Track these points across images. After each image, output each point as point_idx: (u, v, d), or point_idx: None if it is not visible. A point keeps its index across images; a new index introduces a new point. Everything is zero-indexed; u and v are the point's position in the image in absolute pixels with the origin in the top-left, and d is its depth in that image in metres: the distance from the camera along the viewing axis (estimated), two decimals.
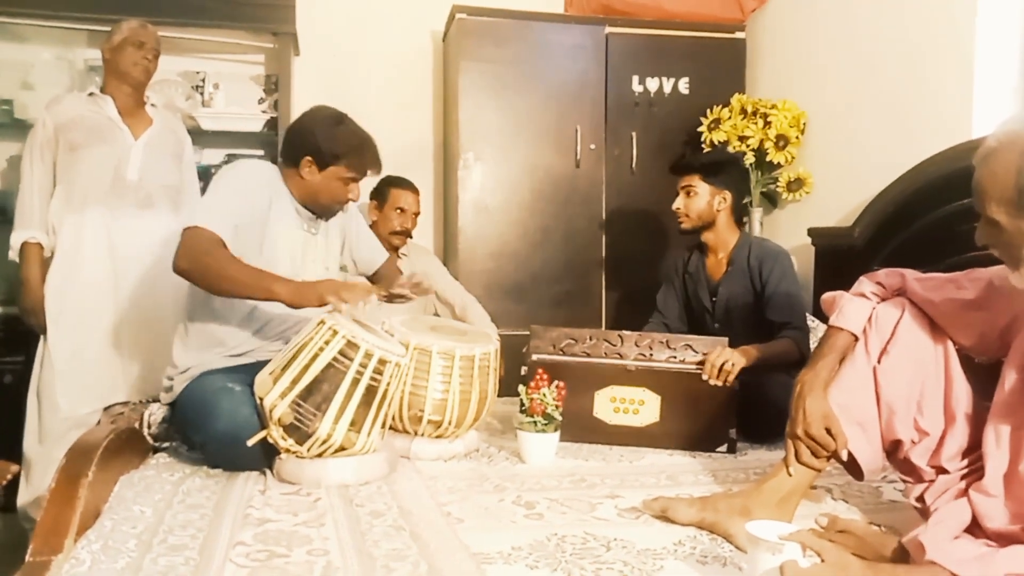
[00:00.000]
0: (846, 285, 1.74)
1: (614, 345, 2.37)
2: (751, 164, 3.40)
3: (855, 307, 1.66)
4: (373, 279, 2.51)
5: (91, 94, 2.74)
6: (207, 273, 1.97)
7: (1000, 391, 1.45)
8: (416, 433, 2.17)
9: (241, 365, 2.12)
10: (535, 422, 2.11)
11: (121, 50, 2.70)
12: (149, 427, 2.11)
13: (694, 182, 2.67)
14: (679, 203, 2.70)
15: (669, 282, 2.86)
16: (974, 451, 1.52)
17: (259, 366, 2.01)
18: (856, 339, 1.64)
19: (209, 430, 1.94)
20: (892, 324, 1.61)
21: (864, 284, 1.69)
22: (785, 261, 2.62)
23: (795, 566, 1.21)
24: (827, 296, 1.73)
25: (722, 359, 2.26)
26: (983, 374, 1.56)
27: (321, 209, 2.25)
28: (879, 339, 1.61)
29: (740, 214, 2.77)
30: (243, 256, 2.03)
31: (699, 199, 2.66)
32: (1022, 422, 1.39)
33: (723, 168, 2.69)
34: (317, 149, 2.16)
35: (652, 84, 3.61)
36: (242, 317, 2.14)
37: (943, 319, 1.59)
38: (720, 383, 2.26)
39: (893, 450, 1.63)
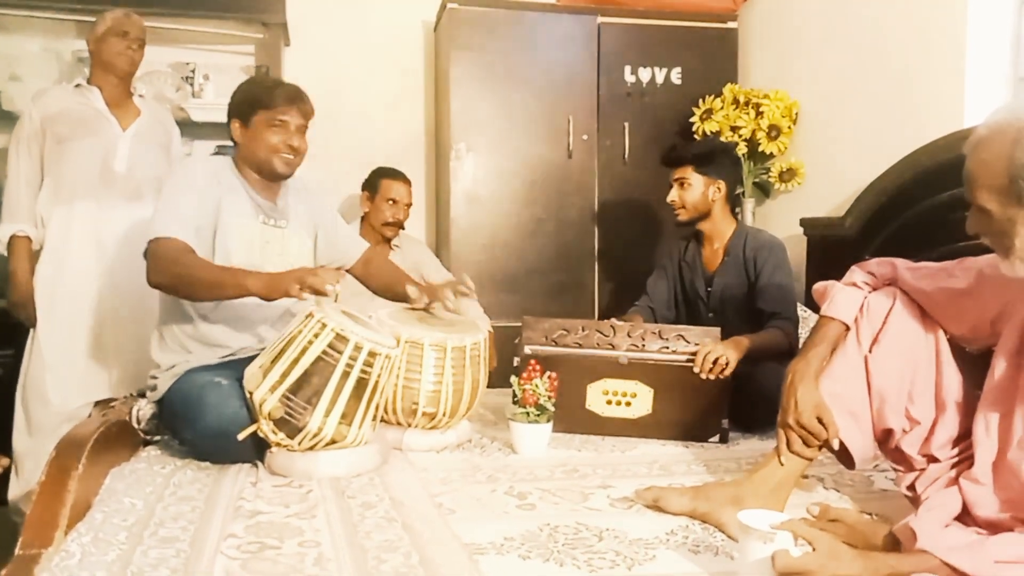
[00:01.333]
0: (838, 275, 1.74)
1: (606, 336, 2.37)
2: (743, 155, 3.40)
3: (846, 297, 1.66)
4: (363, 272, 2.44)
5: (78, 85, 2.72)
6: (182, 283, 1.97)
7: (990, 379, 1.45)
8: (411, 425, 2.16)
9: (224, 361, 2.10)
10: (528, 413, 2.11)
11: (105, 41, 2.68)
12: (138, 423, 2.10)
13: (687, 174, 2.66)
14: (674, 195, 2.68)
15: (662, 268, 2.85)
16: (964, 439, 1.52)
17: (241, 362, 2.00)
18: (847, 329, 1.64)
19: (198, 426, 1.92)
20: (883, 313, 1.61)
21: (855, 274, 1.69)
22: (780, 252, 2.62)
23: (786, 555, 1.21)
24: (818, 286, 1.73)
25: (715, 354, 2.25)
26: (974, 363, 1.57)
27: (265, 170, 2.17)
28: (870, 328, 1.61)
29: (734, 203, 2.76)
30: (200, 253, 2.01)
31: (693, 190, 2.65)
32: (1011, 410, 1.39)
33: (715, 157, 2.68)
34: (237, 108, 2.17)
35: (644, 74, 3.60)
36: (213, 318, 2.11)
37: (934, 308, 1.59)
38: (714, 377, 2.25)
39: (884, 439, 1.64)
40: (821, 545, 1.23)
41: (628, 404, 2.32)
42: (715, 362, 2.24)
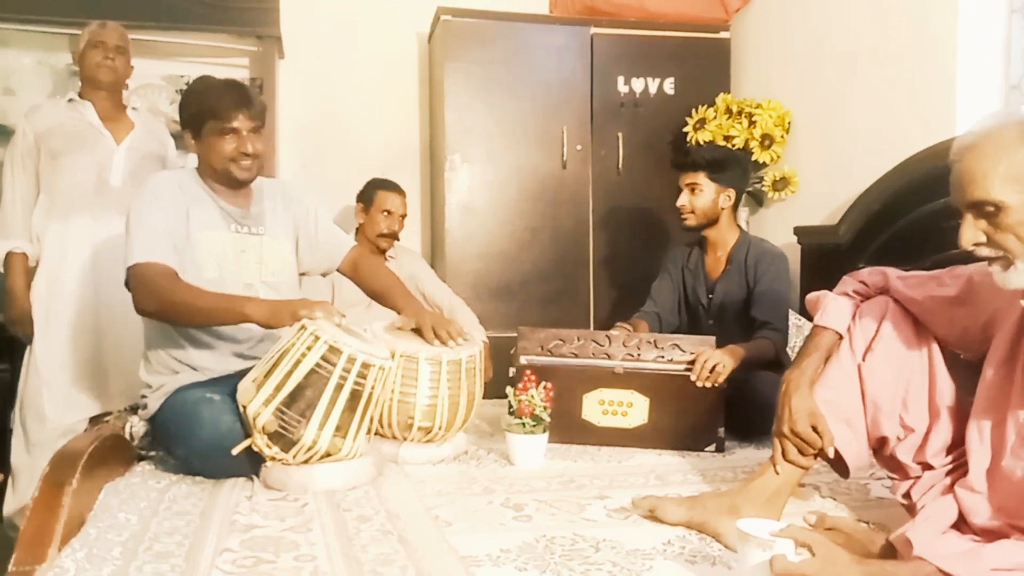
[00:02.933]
0: (832, 283, 1.75)
1: (602, 345, 2.37)
2: None
3: (839, 306, 1.66)
4: (353, 274, 2.36)
5: (70, 100, 2.72)
6: (175, 310, 1.93)
7: (982, 387, 1.46)
8: (406, 439, 2.15)
9: (215, 377, 2.08)
10: (523, 423, 2.11)
11: (85, 54, 2.69)
12: (132, 439, 2.09)
13: (699, 179, 2.65)
14: (684, 200, 2.67)
15: (667, 274, 2.85)
16: (959, 447, 1.52)
17: (232, 377, 1.99)
18: (841, 338, 1.65)
19: (192, 442, 1.91)
20: (876, 322, 1.61)
21: (847, 283, 1.70)
22: (781, 263, 2.62)
23: (784, 559, 1.21)
24: (811, 296, 1.74)
25: (712, 362, 2.25)
26: (967, 370, 1.57)
27: (225, 178, 2.12)
28: (863, 337, 1.61)
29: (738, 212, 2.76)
30: (181, 271, 1.98)
31: (704, 196, 2.65)
32: (1003, 418, 1.39)
33: (728, 165, 2.67)
34: (186, 120, 2.12)
35: (637, 84, 3.62)
36: (198, 341, 2.07)
37: (926, 316, 1.60)
38: (710, 385, 2.26)
39: (879, 447, 1.64)
40: (820, 550, 1.22)
41: (624, 414, 2.32)
42: (712, 369, 2.25)
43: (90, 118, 2.68)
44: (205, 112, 2.08)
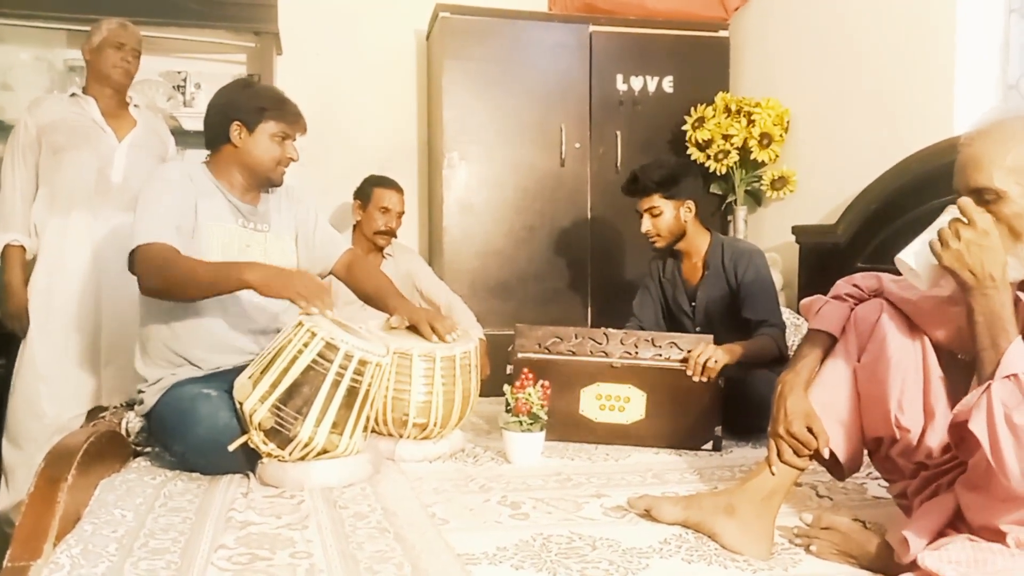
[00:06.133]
0: (830, 283, 1.75)
1: (599, 343, 2.37)
2: (735, 163, 3.41)
3: (833, 309, 1.67)
4: (345, 276, 2.37)
5: (73, 95, 2.71)
6: (176, 284, 1.92)
7: (975, 386, 1.45)
8: (402, 436, 2.15)
9: (211, 372, 2.07)
10: (520, 421, 2.11)
11: (101, 52, 2.67)
12: (128, 435, 2.08)
13: (655, 202, 2.62)
14: (647, 226, 2.64)
15: (645, 288, 2.84)
16: None
17: (229, 373, 1.98)
18: (835, 340, 1.65)
19: (189, 438, 1.91)
20: (871, 324, 1.61)
21: (841, 287, 1.71)
22: (759, 259, 2.61)
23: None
24: (806, 301, 1.75)
25: (705, 356, 2.26)
26: (962, 370, 1.57)
27: (262, 177, 2.15)
28: (858, 339, 1.61)
29: (704, 215, 2.71)
30: (184, 252, 1.97)
31: (665, 216, 2.62)
32: None
33: (679, 179, 2.63)
34: (240, 110, 2.10)
35: (636, 83, 3.62)
36: (195, 332, 2.07)
37: (920, 316, 1.60)
38: (704, 379, 2.26)
39: (874, 448, 1.64)
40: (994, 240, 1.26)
41: (621, 409, 2.32)
42: (705, 364, 2.25)
43: (93, 114, 2.68)
44: (269, 109, 2.10)
